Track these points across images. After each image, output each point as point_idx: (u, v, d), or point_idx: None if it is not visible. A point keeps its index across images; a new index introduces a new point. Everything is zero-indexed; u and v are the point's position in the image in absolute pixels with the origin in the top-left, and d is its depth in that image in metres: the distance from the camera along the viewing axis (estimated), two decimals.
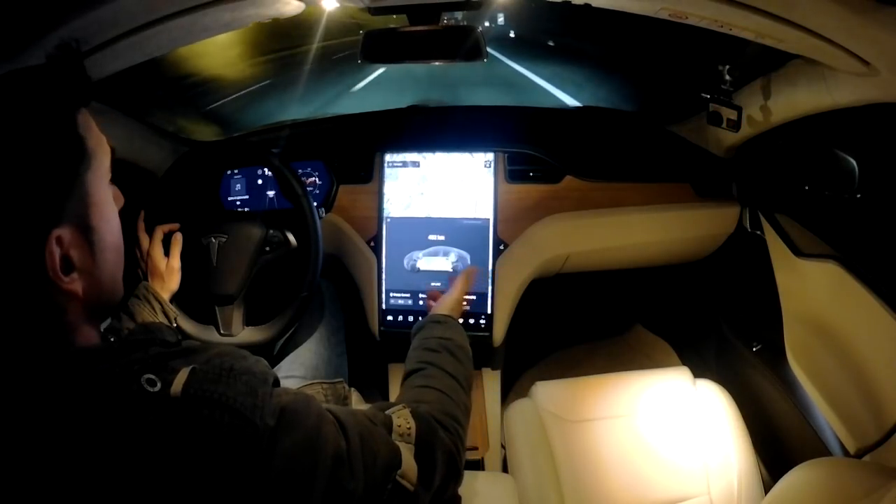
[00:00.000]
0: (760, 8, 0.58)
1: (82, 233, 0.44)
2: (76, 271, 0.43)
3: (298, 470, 0.44)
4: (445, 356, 0.76)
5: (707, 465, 0.97)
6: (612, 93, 6.56)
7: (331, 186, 1.24)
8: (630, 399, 1.06)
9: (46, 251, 0.40)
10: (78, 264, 0.43)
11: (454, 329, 0.84)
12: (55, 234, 0.41)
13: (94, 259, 0.45)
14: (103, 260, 0.46)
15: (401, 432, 0.57)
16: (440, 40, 0.85)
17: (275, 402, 0.45)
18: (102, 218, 0.46)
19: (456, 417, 0.65)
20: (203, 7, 0.67)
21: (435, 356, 0.76)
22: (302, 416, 0.46)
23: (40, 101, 0.43)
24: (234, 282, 1.01)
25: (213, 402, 0.41)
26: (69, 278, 0.42)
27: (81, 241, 0.44)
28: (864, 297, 0.83)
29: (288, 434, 0.44)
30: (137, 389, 0.40)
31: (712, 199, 1.23)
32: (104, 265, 0.46)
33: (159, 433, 0.39)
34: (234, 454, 0.40)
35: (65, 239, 0.42)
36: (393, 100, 6.35)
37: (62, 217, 0.42)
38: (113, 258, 0.48)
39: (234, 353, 0.47)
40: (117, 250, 0.48)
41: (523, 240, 1.19)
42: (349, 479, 0.48)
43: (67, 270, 0.42)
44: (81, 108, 0.46)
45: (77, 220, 0.43)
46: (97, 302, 0.46)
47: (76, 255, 0.43)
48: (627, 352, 1.72)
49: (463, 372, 0.75)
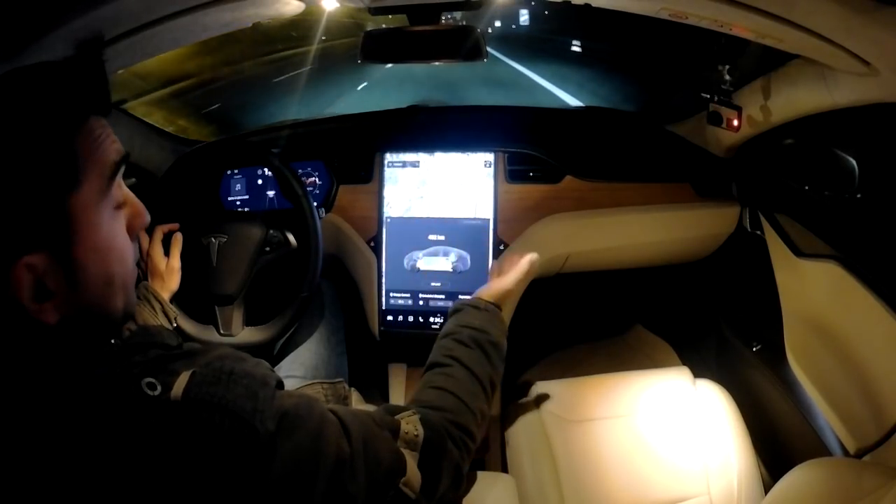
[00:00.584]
0: (760, 8, 0.58)
1: (59, 262, 0.39)
2: (54, 299, 0.39)
3: (299, 474, 0.44)
4: (476, 353, 0.70)
5: (707, 465, 0.97)
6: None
7: (331, 186, 1.24)
8: (630, 399, 1.06)
9: (12, 277, 0.36)
10: (55, 291, 0.39)
11: (494, 322, 0.76)
12: (24, 261, 0.37)
13: (74, 287, 0.40)
14: (87, 290, 0.41)
15: (407, 439, 0.55)
16: (440, 40, 0.85)
17: (276, 406, 0.45)
18: (87, 247, 0.40)
19: (468, 430, 0.62)
20: (203, 7, 0.67)
21: (464, 351, 0.70)
22: (304, 420, 0.46)
23: (31, 109, 0.38)
24: (234, 282, 1.01)
25: (213, 405, 0.41)
26: (41, 306, 0.38)
27: (57, 269, 0.39)
28: (864, 297, 0.82)
29: (289, 438, 0.44)
30: (137, 393, 0.40)
31: (712, 199, 1.23)
32: (89, 294, 0.41)
33: (159, 437, 0.39)
34: (233, 459, 0.40)
35: (37, 266, 0.37)
36: (399, 96, 6.27)
37: (35, 245, 0.37)
38: (101, 290, 0.42)
39: (234, 355, 0.47)
40: (108, 280, 0.42)
41: (523, 240, 1.19)
42: (351, 484, 0.47)
43: (42, 298, 0.38)
44: (91, 116, 0.41)
45: (53, 248, 0.38)
46: (85, 325, 0.42)
47: (52, 283, 0.38)
48: (627, 352, 1.71)
49: (489, 374, 0.70)
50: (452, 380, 0.66)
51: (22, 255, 0.37)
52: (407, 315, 1.20)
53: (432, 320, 1.21)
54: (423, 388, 0.67)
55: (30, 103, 0.38)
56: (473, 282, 1.19)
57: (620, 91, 6.43)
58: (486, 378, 0.69)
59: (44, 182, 0.37)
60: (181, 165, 1.05)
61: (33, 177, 0.37)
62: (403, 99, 6.04)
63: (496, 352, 0.73)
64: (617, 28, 7.55)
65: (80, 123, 0.40)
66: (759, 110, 0.95)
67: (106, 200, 0.42)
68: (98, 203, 0.41)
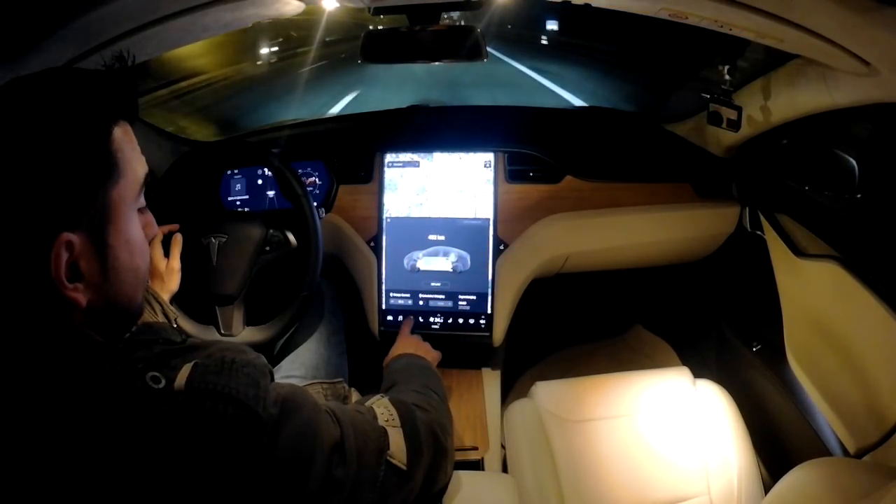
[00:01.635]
0: (760, 8, 0.58)
1: (95, 245, 0.42)
2: (83, 282, 0.42)
3: (299, 457, 0.46)
4: (412, 375, 0.85)
5: (707, 465, 0.97)
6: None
7: (331, 186, 1.24)
8: (630, 399, 1.06)
9: (53, 252, 0.39)
10: (86, 275, 0.42)
11: (414, 362, 0.91)
12: (65, 237, 0.40)
13: (104, 275, 0.44)
14: (116, 278, 0.44)
15: (385, 419, 0.61)
16: (440, 40, 0.85)
17: (275, 393, 0.47)
18: (120, 237, 0.44)
19: (430, 402, 0.73)
20: (203, 7, 0.67)
21: (403, 375, 0.85)
22: (300, 406, 0.49)
23: (82, 104, 0.42)
24: (234, 282, 1.01)
25: (217, 393, 0.42)
26: (73, 286, 0.41)
27: (93, 253, 0.42)
28: (864, 297, 0.82)
29: (289, 422, 0.46)
30: (142, 386, 0.40)
31: (712, 199, 1.23)
32: (116, 284, 0.45)
33: (165, 427, 0.40)
34: (238, 445, 0.42)
35: (75, 245, 0.41)
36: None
37: (77, 224, 0.41)
38: (129, 279, 0.46)
39: (235, 347, 0.49)
40: (134, 272, 0.47)
41: (523, 240, 1.19)
42: (342, 465, 0.50)
43: (74, 278, 0.41)
44: (123, 122, 0.45)
45: (92, 231, 0.42)
46: (106, 316, 0.45)
47: (85, 266, 0.42)
48: (627, 352, 1.72)
49: (434, 383, 0.84)
50: (402, 385, 0.79)
51: (64, 229, 0.40)
52: (407, 315, 1.20)
53: (432, 320, 1.21)
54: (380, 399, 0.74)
55: (81, 98, 0.42)
56: (473, 282, 1.20)
57: (620, 91, 6.37)
58: (434, 385, 0.82)
59: (87, 169, 0.42)
60: (181, 165, 1.05)
61: (78, 162, 0.41)
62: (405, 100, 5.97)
63: (430, 371, 0.88)
64: (617, 28, 7.52)
65: (114, 125, 0.44)
66: (759, 110, 0.95)
67: (137, 201, 0.47)
68: (132, 201, 0.46)
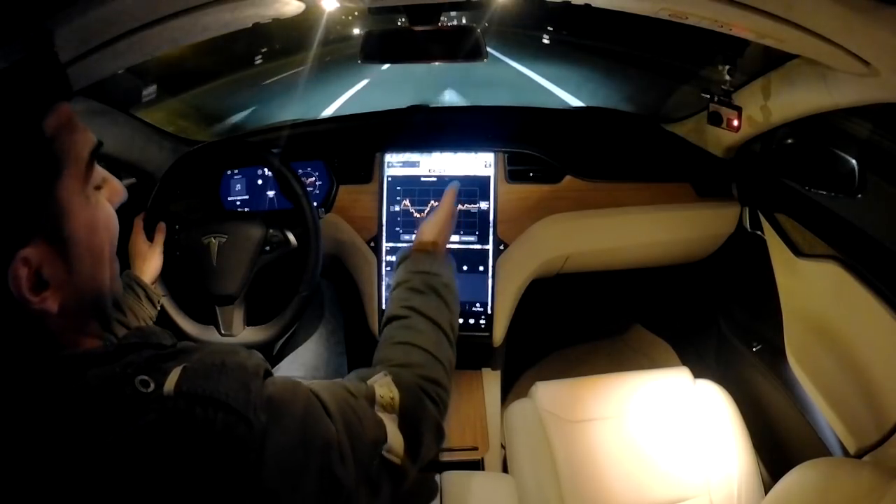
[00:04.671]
0: (760, 8, 0.58)
1: (54, 245, 0.40)
2: (50, 288, 0.40)
3: (291, 462, 0.44)
4: (431, 299, 0.69)
5: (707, 465, 0.97)
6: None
7: (331, 186, 1.24)
8: (630, 399, 1.06)
9: (10, 273, 0.37)
10: (51, 280, 0.40)
11: (442, 262, 0.75)
12: (20, 255, 0.37)
13: (68, 269, 0.41)
14: (80, 267, 0.42)
15: (384, 403, 0.55)
16: (440, 40, 0.85)
17: (265, 395, 0.45)
18: (80, 225, 0.42)
19: (440, 382, 0.62)
20: (203, 7, 0.67)
21: (420, 299, 0.69)
22: (290, 407, 0.46)
23: (3, 116, 0.38)
24: (234, 282, 1.01)
25: (206, 398, 0.41)
26: (40, 297, 0.39)
27: (54, 255, 0.40)
28: (864, 297, 0.82)
29: (278, 426, 0.44)
30: (131, 392, 0.40)
31: (712, 199, 1.23)
32: (81, 271, 0.43)
33: (153, 432, 0.39)
34: (227, 452, 0.40)
35: (33, 258, 0.38)
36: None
37: (29, 236, 0.38)
38: (90, 264, 0.44)
39: (227, 349, 0.47)
40: (96, 254, 0.44)
41: (523, 240, 1.19)
42: (339, 464, 0.48)
43: (39, 288, 0.39)
44: (55, 106, 0.41)
45: (48, 235, 0.39)
46: (81, 308, 0.43)
47: (49, 271, 0.39)
48: (627, 352, 1.72)
49: (448, 318, 0.69)
50: (414, 332, 0.65)
51: (18, 249, 0.38)
52: None
53: None
54: (386, 344, 0.65)
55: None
56: (474, 282, 1.20)
57: (620, 91, 6.37)
58: (447, 324, 0.68)
59: (27, 175, 0.38)
60: (181, 165, 1.05)
61: (16, 173, 0.38)
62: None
63: (450, 293, 0.72)
64: (617, 28, 7.52)
65: (47, 113, 0.40)
66: (759, 110, 0.95)
67: (89, 182, 0.44)
68: (83, 187, 0.43)
